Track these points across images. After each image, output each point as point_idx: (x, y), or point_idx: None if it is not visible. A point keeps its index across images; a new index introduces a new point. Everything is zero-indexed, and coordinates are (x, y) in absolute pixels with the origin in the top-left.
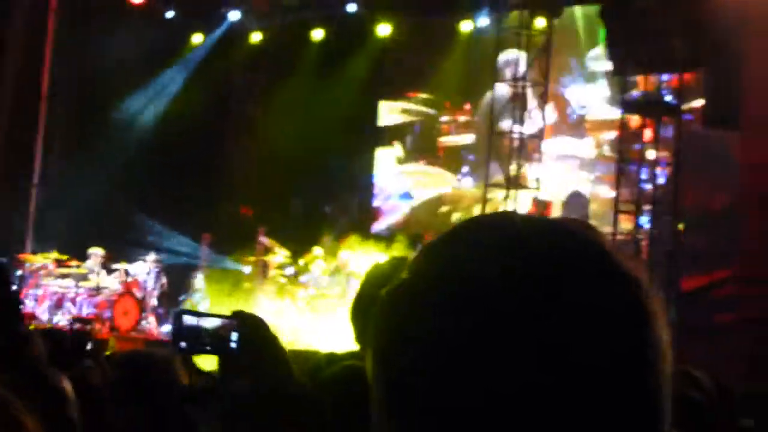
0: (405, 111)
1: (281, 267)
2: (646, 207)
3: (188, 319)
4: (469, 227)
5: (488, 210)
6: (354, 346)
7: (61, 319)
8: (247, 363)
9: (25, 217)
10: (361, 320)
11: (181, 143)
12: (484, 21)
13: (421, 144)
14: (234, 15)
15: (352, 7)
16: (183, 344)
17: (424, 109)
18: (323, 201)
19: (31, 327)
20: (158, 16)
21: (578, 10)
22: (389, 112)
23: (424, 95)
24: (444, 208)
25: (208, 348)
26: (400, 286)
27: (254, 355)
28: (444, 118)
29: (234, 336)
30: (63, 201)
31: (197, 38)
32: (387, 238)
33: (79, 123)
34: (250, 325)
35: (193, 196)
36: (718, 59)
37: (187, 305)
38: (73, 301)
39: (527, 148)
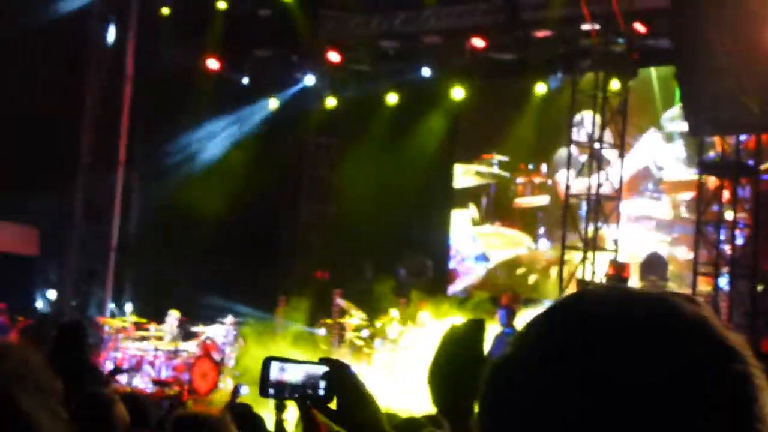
0: (479, 173)
1: (357, 329)
2: (725, 269)
3: (276, 366)
4: (576, 303)
5: (566, 271)
6: (431, 409)
7: (140, 382)
8: (336, 410)
9: (105, 281)
10: (438, 382)
11: (257, 207)
12: (557, 83)
13: (496, 206)
14: (309, 80)
15: (426, 72)
16: (271, 391)
17: (498, 171)
18: (398, 263)
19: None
20: (233, 83)
21: (653, 71)
22: (464, 175)
23: (498, 157)
24: (520, 270)
25: (296, 395)
26: (508, 359)
27: (344, 401)
28: (519, 180)
29: (322, 383)
30: (142, 265)
31: (273, 103)
32: (464, 299)
33: (156, 188)
34: (338, 372)
35: (268, 260)
36: None
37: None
38: (151, 364)
39: (604, 210)
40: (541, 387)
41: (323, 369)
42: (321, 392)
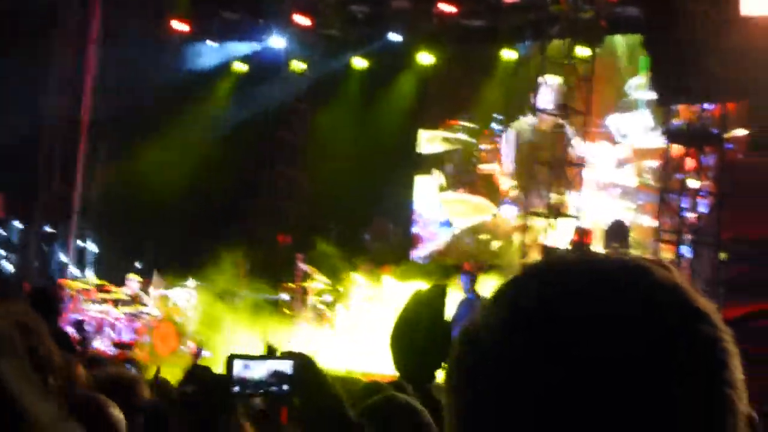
0: (446, 139)
1: (320, 293)
2: (688, 236)
3: (239, 363)
4: (546, 270)
5: (528, 238)
6: (393, 373)
7: (101, 345)
8: (300, 404)
9: (66, 243)
10: (401, 347)
11: (221, 169)
12: (525, 50)
13: (462, 172)
14: (277, 42)
15: (395, 37)
16: (236, 388)
17: (464, 137)
18: (362, 228)
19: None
20: (200, 43)
21: (620, 39)
22: (430, 141)
23: (464, 123)
24: (484, 236)
25: (261, 391)
26: (477, 329)
27: (306, 394)
28: (484, 146)
29: (286, 377)
30: (102, 227)
31: (240, 66)
32: (427, 265)
33: (120, 151)
34: (302, 366)
35: (233, 225)
36: (760, 87)
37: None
38: (112, 326)
39: (568, 177)
40: (510, 358)
41: (287, 363)
42: (285, 387)
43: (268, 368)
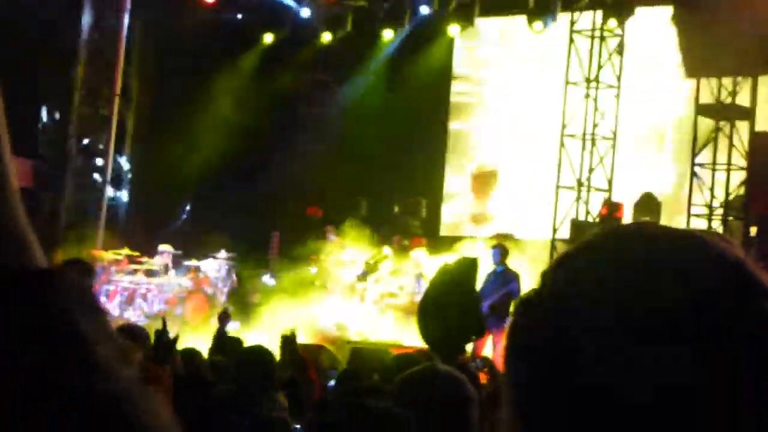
0: None
1: (350, 266)
2: (718, 210)
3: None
4: (608, 243)
5: (559, 211)
6: (420, 344)
7: (132, 315)
8: None
9: (97, 214)
10: (430, 318)
11: (251, 142)
12: (554, 21)
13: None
14: (305, 12)
15: (424, 9)
16: None
17: None
18: (393, 201)
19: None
20: (229, 16)
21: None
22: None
23: None
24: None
25: None
26: (537, 299)
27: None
28: None
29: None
30: (134, 199)
31: (268, 38)
32: (457, 239)
33: (150, 121)
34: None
35: (261, 196)
36: None
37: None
38: (143, 297)
39: (599, 150)
40: (572, 326)
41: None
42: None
43: None
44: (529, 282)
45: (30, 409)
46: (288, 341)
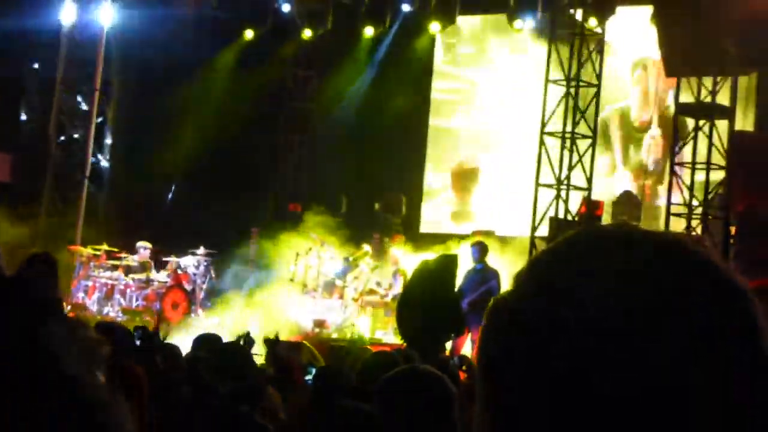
0: None
1: (329, 263)
2: (698, 210)
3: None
4: (581, 245)
5: (539, 208)
6: (399, 341)
7: (111, 311)
8: None
9: (77, 209)
10: (409, 316)
11: (231, 138)
12: (532, 21)
13: None
14: (285, 8)
15: (406, 7)
16: None
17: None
18: (373, 198)
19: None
20: (210, 11)
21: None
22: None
23: None
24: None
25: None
26: (509, 301)
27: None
28: None
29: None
30: (113, 194)
31: (249, 34)
32: (437, 236)
33: (130, 117)
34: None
35: (242, 192)
36: None
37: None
38: (122, 293)
39: (578, 148)
40: (544, 329)
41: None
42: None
43: None
44: (509, 279)
45: None
46: (271, 344)
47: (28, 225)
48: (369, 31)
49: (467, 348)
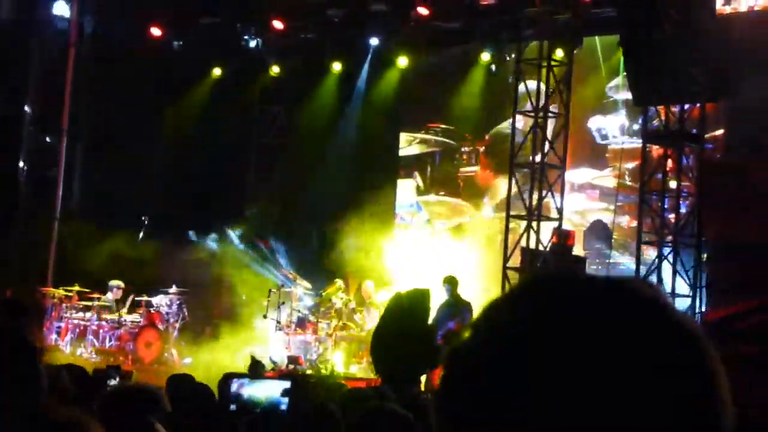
0: (425, 142)
1: (302, 298)
2: (669, 237)
3: (236, 382)
4: (538, 292)
5: (510, 240)
6: (374, 377)
7: (84, 352)
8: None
9: (48, 250)
10: (383, 351)
11: (202, 175)
12: (502, 53)
13: (441, 175)
14: (252, 43)
15: (373, 41)
16: (233, 407)
17: (444, 139)
18: (344, 232)
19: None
20: (177, 51)
21: (598, 40)
22: (408, 143)
23: (443, 126)
24: (465, 239)
25: (257, 410)
26: (469, 347)
27: (305, 419)
28: (464, 149)
29: (284, 399)
30: (83, 234)
31: (217, 71)
32: (408, 268)
33: (99, 157)
34: (301, 390)
35: (213, 229)
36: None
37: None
38: (95, 333)
39: (548, 179)
40: (500, 381)
41: (285, 385)
42: (283, 407)
43: (266, 388)
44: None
45: None
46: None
47: None
48: (337, 66)
49: None
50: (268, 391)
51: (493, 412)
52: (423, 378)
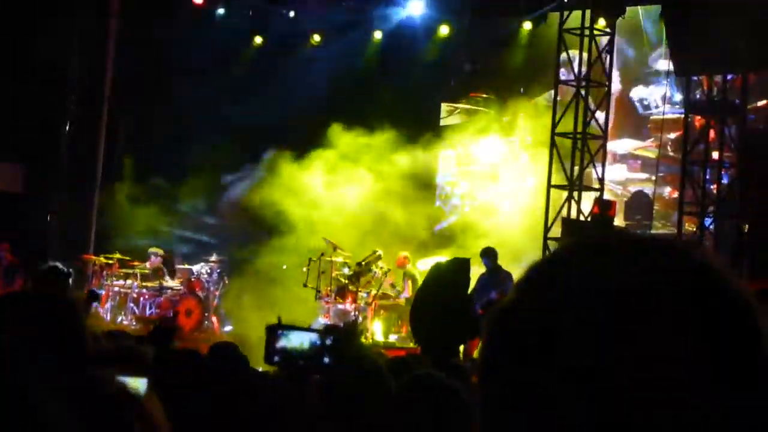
0: (466, 112)
1: (342, 267)
2: (710, 208)
3: (281, 334)
4: (578, 252)
5: (551, 210)
6: (414, 346)
7: (124, 319)
8: (339, 378)
9: (89, 218)
10: (422, 321)
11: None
12: (545, 21)
13: (483, 145)
14: (292, 14)
15: (416, 9)
16: (276, 358)
17: (485, 109)
18: (384, 201)
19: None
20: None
21: (641, 10)
22: (449, 113)
23: (485, 95)
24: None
25: (301, 362)
26: (508, 310)
27: (348, 370)
28: (506, 119)
29: (326, 350)
30: (126, 202)
31: (258, 39)
32: (449, 238)
33: (142, 126)
34: (344, 342)
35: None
36: None
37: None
38: (135, 301)
39: (590, 149)
40: (546, 337)
41: (328, 337)
42: (325, 360)
43: (309, 340)
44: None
45: None
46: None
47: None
48: (378, 35)
49: None
50: (311, 341)
51: (541, 368)
52: (461, 348)
